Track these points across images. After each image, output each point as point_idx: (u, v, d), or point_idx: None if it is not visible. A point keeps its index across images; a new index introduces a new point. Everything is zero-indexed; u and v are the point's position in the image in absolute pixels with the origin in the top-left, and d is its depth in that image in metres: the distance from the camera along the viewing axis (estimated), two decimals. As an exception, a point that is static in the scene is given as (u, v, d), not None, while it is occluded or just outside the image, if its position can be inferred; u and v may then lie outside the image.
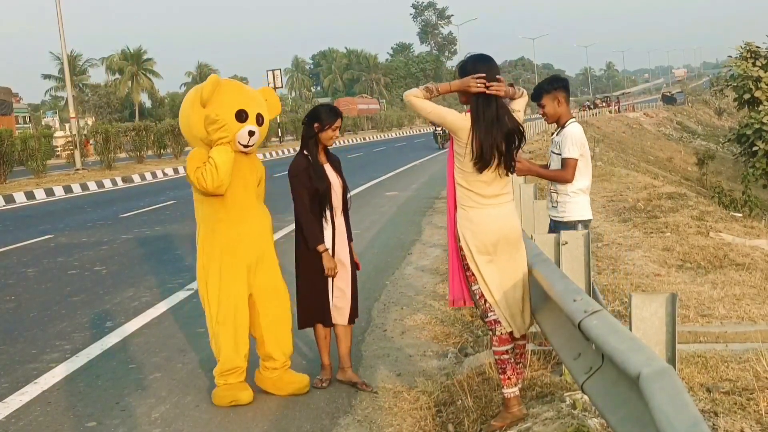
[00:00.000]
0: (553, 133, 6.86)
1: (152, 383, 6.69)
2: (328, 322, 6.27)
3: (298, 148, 6.39)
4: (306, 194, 6.09)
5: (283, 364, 6.25)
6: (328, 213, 6.16)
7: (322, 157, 6.25)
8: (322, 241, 6.10)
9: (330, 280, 6.18)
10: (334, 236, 6.21)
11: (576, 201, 6.58)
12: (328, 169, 6.23)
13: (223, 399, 6.08)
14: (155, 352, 7.55)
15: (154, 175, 32.93)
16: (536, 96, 6.58)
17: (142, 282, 10.72)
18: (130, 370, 7.05)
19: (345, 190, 6.33)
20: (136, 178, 31.37)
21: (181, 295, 9.67)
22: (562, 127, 6.58)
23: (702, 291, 8.52)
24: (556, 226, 6.63)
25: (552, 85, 6.57)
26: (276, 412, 5.94)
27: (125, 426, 5.78)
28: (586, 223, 6.65)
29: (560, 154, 6.54)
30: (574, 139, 6.49)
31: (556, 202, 6.66)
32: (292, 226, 6.30)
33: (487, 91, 4.88)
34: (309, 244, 6.11)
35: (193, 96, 6.04)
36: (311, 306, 6.25)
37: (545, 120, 6.72)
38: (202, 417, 5.91)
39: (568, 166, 6.49)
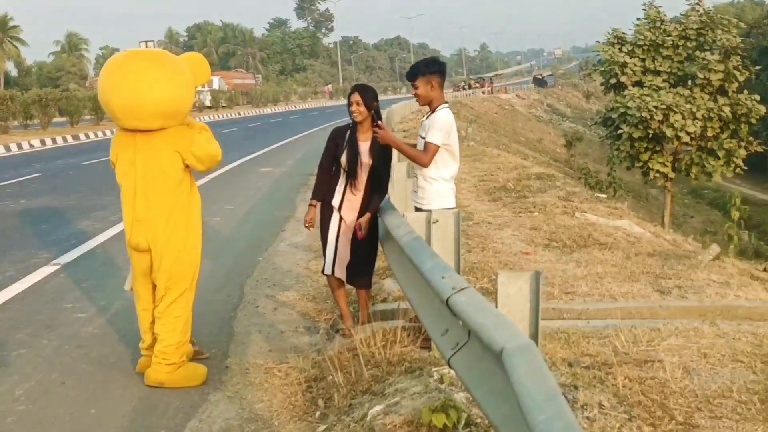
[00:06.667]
0: (424, 117, 6.75)
1: (16, 360, 6.51)
2: (326, 270, 6.92)
3: None
4: (326, 158, 6.83)
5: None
6: (342, 182, 6.76)
7: (359, 133, 6.72)
8: (315, 198, 6.89)
9: (331, 236, 6.84)
10: (343, 203, 6.78)
11: (436, 189, 6.47)
12: (362, 145, 6.69)
13: (201, 376, 6.02)
14: (19, 328, 7.33)
15: (19, 146, 31.67)
16: (411, 76, 6.50)
17: (6, 256, 10.36)
18: (-7, 347, 6.85)
19: (375, 168, 6.73)
20: (1, 150, 30.12)
21: (46, 270, 9.40)
22: (433, 111, 6.48)
23: (567, 269, 8.80)
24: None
25: (428, 68, 6.46)
26: (145, 389, 5.87)
27: (-13, 404, 5.62)
28: None
29: (425, 138, 6.45)
30: (441, 125, 6.37)
31: (417, 187, 6.61)
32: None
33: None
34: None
35: (186, 76, 5.79)
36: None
37: (417, 101, 6.67)
38: (68, 394, 5.80)
39: (428, 150, 6.36)
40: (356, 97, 6.60)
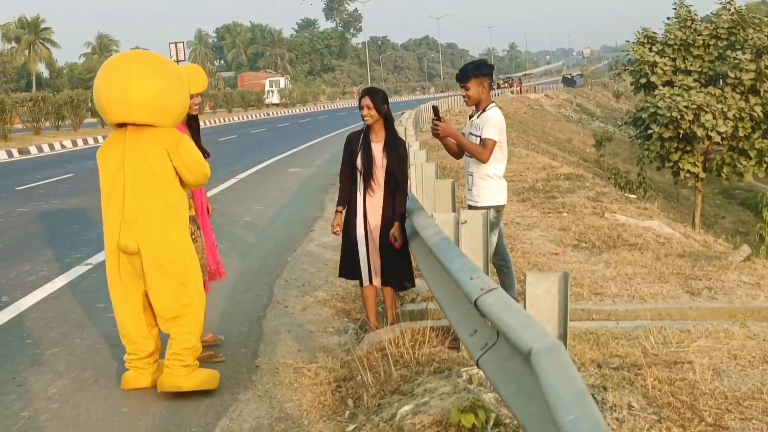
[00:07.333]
0: (471, 116, 6.94)
1: (50, 358, 6.60)
2: (360, 281, 6.96)
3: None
4: (344, 164, 6.92)
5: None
6: (360, 185, 6.80)
7: (372, 135, 6.75)
8: (341, 204, 6.90)
9: (361, 248, 6.85)
10: (365, 206, 6.81)
11: (490, 186, 6.70)
12: (374, 146, 6.73)
13: (216, 379, 5.93)
14: (53, 327, 7.42)
15: (51, 147, 32.03)
16: (463, 78, 6.71)
17: (39, 256, 10.49)
18: (27, 346, 6.92)
19: (391, 170, 6.71)
20: (33, 150, 30.48)
21: (79, 270, 9.50)
22: (483, 110, 6.69)
23: (596, 270, 8.78)
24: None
25: (480, 70, 6.72)
26: (176, 387, 5.92)
27: (22, 401, 5.69)
28: (498, 209, 6.77)
29: (479, 136, 6.64)
30: (496, 122, 6.61)
31: (472, 185, 6.77)
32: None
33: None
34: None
35: (178, 76, 5.77)
36: (344, 259, 7.08)
37: (466, 102, 6.83)
38: (100, 392, 5.87)
39: (486, 146, 6.58)
40: (366, 101, 6.68)
